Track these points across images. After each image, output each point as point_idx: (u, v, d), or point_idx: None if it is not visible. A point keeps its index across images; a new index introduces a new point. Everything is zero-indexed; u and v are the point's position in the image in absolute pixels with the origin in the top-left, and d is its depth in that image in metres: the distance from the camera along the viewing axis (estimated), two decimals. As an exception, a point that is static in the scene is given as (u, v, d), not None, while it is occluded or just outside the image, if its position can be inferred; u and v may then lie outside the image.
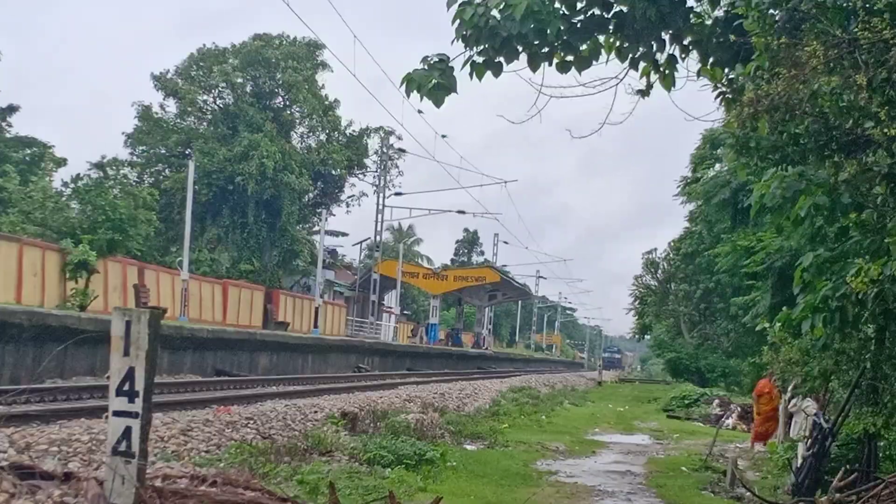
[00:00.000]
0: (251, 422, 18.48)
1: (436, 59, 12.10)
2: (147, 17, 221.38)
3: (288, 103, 69.46)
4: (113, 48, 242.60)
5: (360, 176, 76.40)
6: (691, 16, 11.96)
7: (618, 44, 12.31)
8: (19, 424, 15.80)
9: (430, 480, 14.47)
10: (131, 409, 7.58)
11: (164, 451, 13.89)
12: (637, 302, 75.23)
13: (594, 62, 12.40)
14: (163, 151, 67.22)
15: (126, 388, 7.60)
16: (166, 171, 66.83)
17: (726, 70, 11.92)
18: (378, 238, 78.60)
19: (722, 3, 12.07)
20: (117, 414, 7.63)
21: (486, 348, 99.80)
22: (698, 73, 12.22)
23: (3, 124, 57.15)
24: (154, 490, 7.62)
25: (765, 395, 23.81)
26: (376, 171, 76.54)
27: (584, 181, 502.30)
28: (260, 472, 12.52)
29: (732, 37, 10.81)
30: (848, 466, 14.06)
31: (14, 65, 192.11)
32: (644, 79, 12.59)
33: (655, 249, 72.76)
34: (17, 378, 24.93)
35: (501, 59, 11.92)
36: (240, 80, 67.44)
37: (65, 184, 52.20)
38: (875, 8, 9.10)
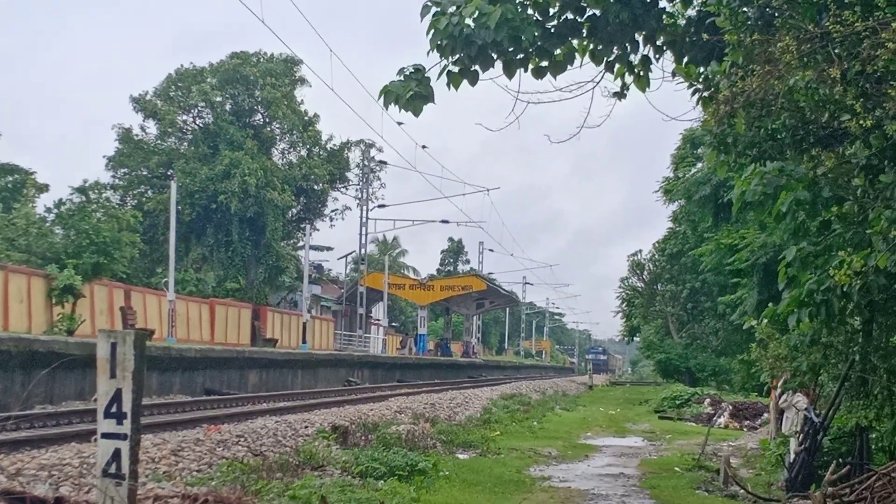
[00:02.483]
0: (242, 439, 18.43)
1: (412, 70, 12.09)
2: (137, 43, 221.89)
3: (268, 120, 69.26)
4: (104, 76, 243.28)
5: (343, 190, 76.23)
6: (664, 16, 11.97)
7: (591, 47, 12.30)
8: (9, 451, 15.79)
9: (423, 491, 14.43)
10: (120, 430, 7.57)
11: (155, 472, 13.83)
12: (624, 304, 75.58)
13: (569, 66, 12.39)
14: (144, 173, 66.88)
15: (114, 409, 7.59)
16: (149, 192, 66.49)
17: (701, 68, 11.93)
18: (363, 251, 78.63)
19: (694, 3, 12.09)
20: (106, 436, 7.61)
21: (476, 357, 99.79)
22: (673, 73, 12.24)
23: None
24: (145, 511, 7.61)
25: None
26: (359, 185, 76.54)
27: (576, 186, 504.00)
28: (252, 489, 12.48)
29: (706, 35, 10.81)
30: (840, 460, 14.11)
31: (8, 94, 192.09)
32: (619, 80, 12.60)
33: (640, 251, 73.18)
34: (7, 405, 24.83)
35: (477, 67, 11.91)
36: (219, 99, 67.19)
37: (48, 209, 52.14)
38: (846, 1, 9.13)
